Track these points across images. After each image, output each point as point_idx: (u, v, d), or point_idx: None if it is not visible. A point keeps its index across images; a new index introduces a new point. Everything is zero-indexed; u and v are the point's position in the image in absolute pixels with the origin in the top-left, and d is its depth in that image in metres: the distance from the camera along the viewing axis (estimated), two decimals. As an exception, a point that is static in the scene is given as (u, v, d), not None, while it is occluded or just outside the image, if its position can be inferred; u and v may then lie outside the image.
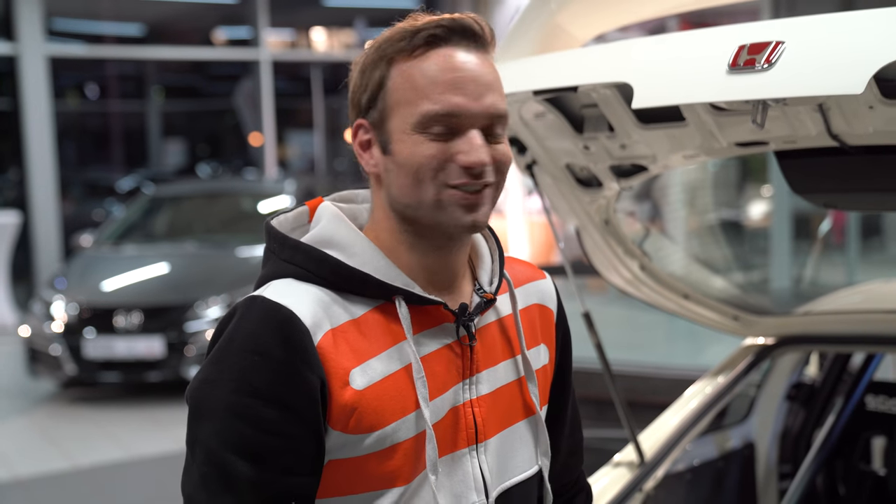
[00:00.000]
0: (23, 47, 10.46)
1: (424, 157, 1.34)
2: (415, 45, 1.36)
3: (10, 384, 8.34)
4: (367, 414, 1.34)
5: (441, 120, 1.34)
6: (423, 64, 1.35)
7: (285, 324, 1.32)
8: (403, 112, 1.35)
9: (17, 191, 11.33)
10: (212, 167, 19.28)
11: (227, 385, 1.31)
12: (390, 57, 1.37)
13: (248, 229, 8.65)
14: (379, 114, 1.38)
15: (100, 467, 6.16)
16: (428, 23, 1.36)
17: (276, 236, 1.44)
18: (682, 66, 1.80)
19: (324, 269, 1.38)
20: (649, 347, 7.74)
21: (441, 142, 1.34)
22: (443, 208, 1.36)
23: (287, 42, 15.08)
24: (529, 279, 1.59)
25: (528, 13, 2.27)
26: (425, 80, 1.34)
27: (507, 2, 10.30)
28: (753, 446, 3.11)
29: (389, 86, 1.36)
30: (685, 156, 2.18)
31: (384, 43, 1.38)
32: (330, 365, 1.33)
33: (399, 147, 1.36)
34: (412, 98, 1.35)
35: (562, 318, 1.63)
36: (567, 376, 1.65)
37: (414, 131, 1.35)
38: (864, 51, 1.56)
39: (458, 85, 1.34)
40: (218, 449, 1.31)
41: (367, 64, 1.39)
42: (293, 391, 1.30)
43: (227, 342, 1.33)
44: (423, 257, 1.41)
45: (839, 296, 3.22)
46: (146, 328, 7.34)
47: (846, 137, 1.88)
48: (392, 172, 1.37)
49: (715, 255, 8.89)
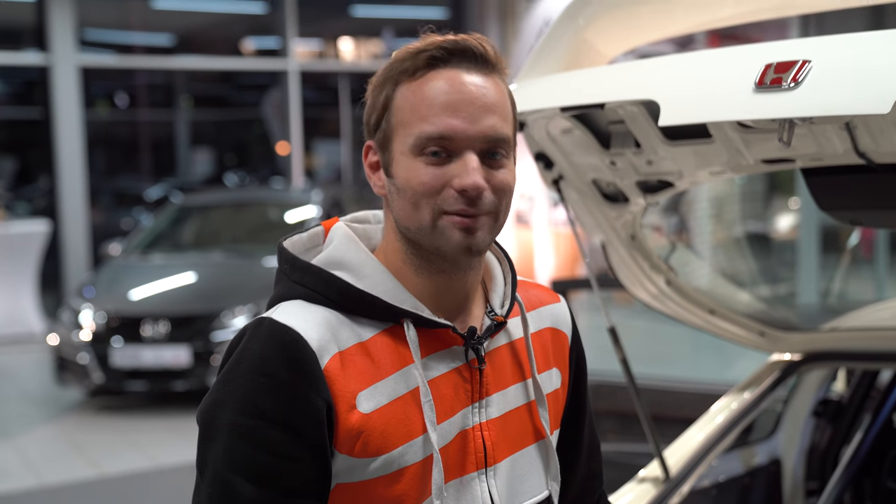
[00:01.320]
0: (55, 57, 10.57)
1: (420, 182, 1.33)
2: (417, 67, 1.35)
3: (38, 392, 8.41)
4: (374, 438, 1.34)
5: (436, 142, 1.32)
6: (424, 86, 1.34)
7: (292, 346, 1.31)
8: (402, 134, 1.35)
9: (48, 200, 11.43)
10: (239, 176, 19.37)
11: (234, 406, 1.32)
12: (395, 78, 1.37)
13: (274, 239, 8.66)
14: (383, 135, 1.38)
15: (125, 476, 6.20)
16: (430, 44, 1.35)
17: (288, 257, 1.44)
18: (708, 84, 1.80)
19: (332, 291, 1.38)
20: (676, 361, 7.71)
21: (436, 166, 1.33)
22: (440, 233, 1.34)
23: (315, 52, 15.15)
24: (543, 302, 1.59)
25: (555, 29, 2.28)
26: (423, 101, 1.33)
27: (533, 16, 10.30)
28: (780, 462, 3.09)
29: (393, 107, 1.36)
30: (711, 172, 2.18)
31: (392, 64, 1.37)
32: (336, 388, 1.32)
33: (398, 169, 1.36)
34: (410, 120, 1.34)
35: (576, 342, 1.62)
36: (582, 400, 1.64)
37: (411, 154, 1.34)
38: (890, 70, 1.55)
39: (455, 107, 1.33)
40: (224, 470, 1.31)
41: (376, 84, 1.39)
42: (299, 413, 1.30)
43: (236, 364, 1.34)
44: (429, 280, 1.40)
45: (866, 312, 3.19)
46: (173, 337, 7.38)
47: (873, 155, 1.88)
48: (394, 195, 1.37)
49: (742, 269, 8.85)
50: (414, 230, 1.36)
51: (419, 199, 1.33)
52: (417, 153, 1.33)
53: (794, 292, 8.72)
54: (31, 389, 8.56)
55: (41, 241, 10.29)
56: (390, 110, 1.37)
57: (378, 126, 1.39)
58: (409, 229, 1.37)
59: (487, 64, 1.37)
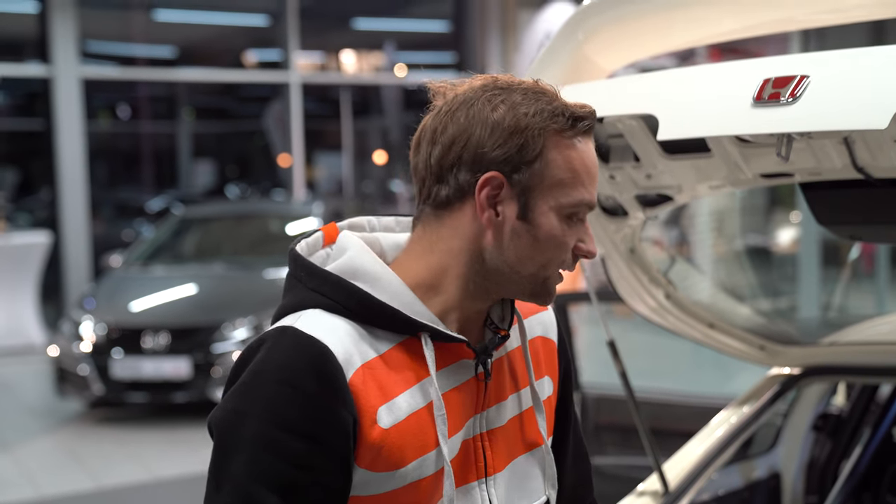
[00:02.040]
0: (57, 69, 10.59)
1: (563, 242, 1.40)
2: (576, 131, 1.39)
3: (38, 403, 8.41)
4: (393, 453, 1.35)
5: (583, 209, 1.40)
6: (578, 152, 1.39)
7: (319, 358, 1.31)
8: (558, 191, 1.38)
9: (49, 211, 11.44)
10: (240, 188, 19.39)
11: (258, 416, 1.30)
12: (549, 130, 1.37)
13: (275, 251, 8.68)
14: (528, 180, 1.37)
15: (124, 488, 6.19)
16: (585, 112, 1.40)
17: (304, 265, 1.43)
18: (706, 99, 1.81)
19: (353, 302, 1.37)
20: (676, 375, 7.70)
21: (571, 227, 1.40)
22: (546, 286, 1.42)
23: (317, 64, 15.18)
24: (532, 311, 1.60)
25: (555, 43, 2.28)
26: (583, 169, 1.39)
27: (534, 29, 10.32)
28: (779, 477, 3.09)
29: (548, 160, 1.37)
30: (711, 186, 2.19)
31: (540, 114, 1.37)
32: (361, 402, 1.33)
33: (543, 220, 1.38)
34: (570, 181, 1.38)
35: (563, 349, 1.64)
36: (569, 406, 1.66)
37: (560, 211, 1.38)
38: (888, 86, 1.56)
39: (594, 179, 1.41)
40: (246, 481, 1.30)
41: (524, 127, 1.36)
42: (325, 426, 1.30)
43: (257, 373, 1.32)
44: (473, 303, 1.43)
45: (866, 326, 3.19)
46: (173, 349, 7.37)
47: (871, 170, 1.88)
48: (522, 239, 1.39)
49: (742, 282, 8.84)
50: (525, 275, 1.40)
51: (553, 254, 1.40)
52: (567, 213, 1.39)
53: (795, 306, 8.71)
54: (31, 400, 8.55)
55: (42, 253, 10.29)
56: (544, 161, 1.37)
57: (520, 167, 1.37)
58: (519, 273, 1.40)
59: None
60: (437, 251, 1.42)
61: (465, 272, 1.40)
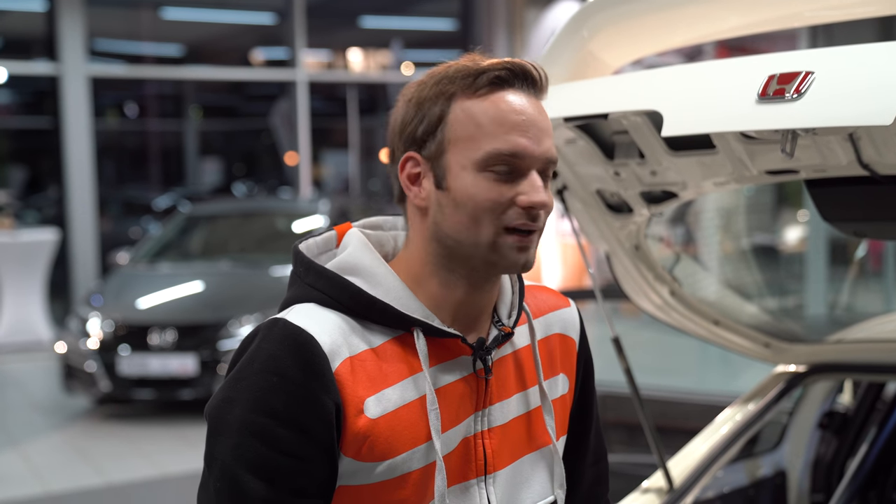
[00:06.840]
0: (65, 67, 10.62)
1: (487, 198, 1.36)
2: (479, 85, 1.37)
3: (45, 400, 8.43)
4: (380, 442, 1.36)
5: (506, 160, 1.35)
6: (486, 104, 1.37)
7: (305, 347, 1.34)
8: (463, 148, 1.37)
9: (57, 208, 11.47)
10: (247, 186, 19.41)
11: (245, 404, 1.34)
12: (451, 93, 1.38)
13: (282, 249, 8.70)
14: (436, 147, 1.39)
15: (131, 484, 6.21)
16: (493, 64, 1.39)
17: (303, 261, 1.46)
18: (711, 95, 1.81)
19: (345, 296, 1.40)
20: (681, 372, 7.70)
21: (503, 183, 1.36)
22: (498, 250, 1.38)
23: (324, 63, 15.20)
24: (552, 308, 1.60)
25: (560, 40, 2.28)
26: (490, 119, 1.36)
27: (541, 27, 10.32)
28: (785, 474, 3.08)
29: (449, 121, 1.38)
30: (716, 183, 2.19)
31: (445, 79, 1.39)
32: (346, 392, 1.35)
33: (457, 183, 1.37)
34: (476, 135, 1.36)
35: (584, 348, 1.64)
36: (589, 405, 1.65)
37: (475, 169, 1.36)
38: (893, 82, 1.56)
39: (523, 127, 1.36)
40: (233, 465, 1.34)
41: (425, 98, 1.39)
42: (309, 414, 1.33)
43: (248, 363, 1.36)
44: (453, 292, 1.43)
45: (872, 323, 3.19)
46: (180, 346, 7.39)
47: (877, 167, 1.88)
48: (446, 208, 1.38)
49: (749, 281, 8.83)
50: (469, 244, 1.38)
51: (482, 214, 1.36)
52: (482, 169, 1.36)
53: (802, 304, 8.69)
54: (38, 397, 8.58)
55: (50, 250, 10.32)
56: (445, 124, 1.38)
57: (427, 139, 1.39)
58: (462, 243, 1.38)
59: (542, 89, 1.42)
60: (410, 245, 1.45)
61: (430, 259, 1.42)
